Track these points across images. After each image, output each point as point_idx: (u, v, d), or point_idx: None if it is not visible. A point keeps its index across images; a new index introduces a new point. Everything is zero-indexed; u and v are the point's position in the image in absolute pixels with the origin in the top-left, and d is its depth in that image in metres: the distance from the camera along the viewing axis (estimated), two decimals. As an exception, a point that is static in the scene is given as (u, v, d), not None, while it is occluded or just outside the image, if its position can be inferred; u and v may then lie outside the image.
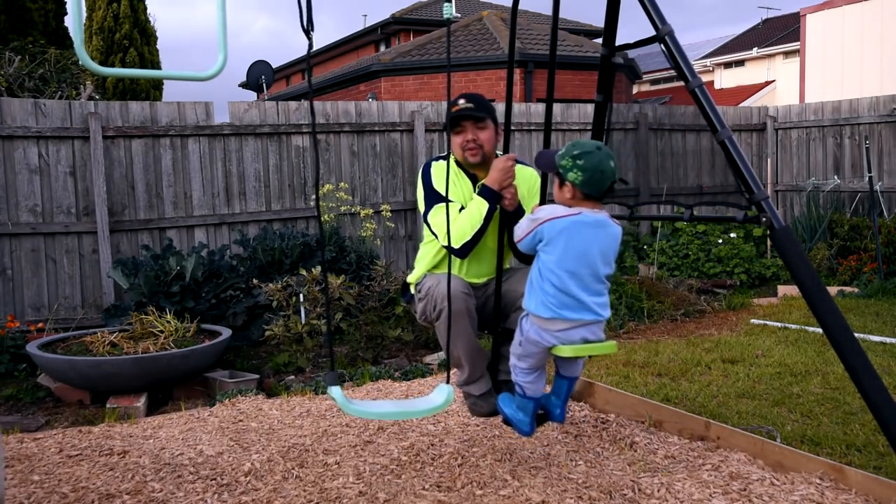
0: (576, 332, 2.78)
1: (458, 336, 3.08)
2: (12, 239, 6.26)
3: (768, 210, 2.89)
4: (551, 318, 2.76)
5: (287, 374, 5.39)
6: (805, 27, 17.62)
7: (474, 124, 3.20)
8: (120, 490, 3.19)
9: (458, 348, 3.13)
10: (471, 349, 3.17)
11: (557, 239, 2.75)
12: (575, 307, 2.75)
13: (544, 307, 2.76)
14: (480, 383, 3.27)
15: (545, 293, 2.77)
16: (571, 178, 2.75)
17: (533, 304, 2.81)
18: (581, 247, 2.75)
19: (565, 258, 2.74)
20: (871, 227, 8.39)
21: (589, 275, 2.77)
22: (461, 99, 3.21)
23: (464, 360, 3.20)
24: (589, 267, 2.76)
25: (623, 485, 3.04)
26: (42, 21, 13.62)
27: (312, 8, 2.19)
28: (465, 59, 14.43)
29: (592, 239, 2.77)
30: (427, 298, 3.17)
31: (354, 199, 7.56)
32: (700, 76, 2.99)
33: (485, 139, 3.22)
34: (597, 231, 2.78)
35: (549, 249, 2.77)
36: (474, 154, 3.22)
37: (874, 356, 5.04)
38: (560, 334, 2.78)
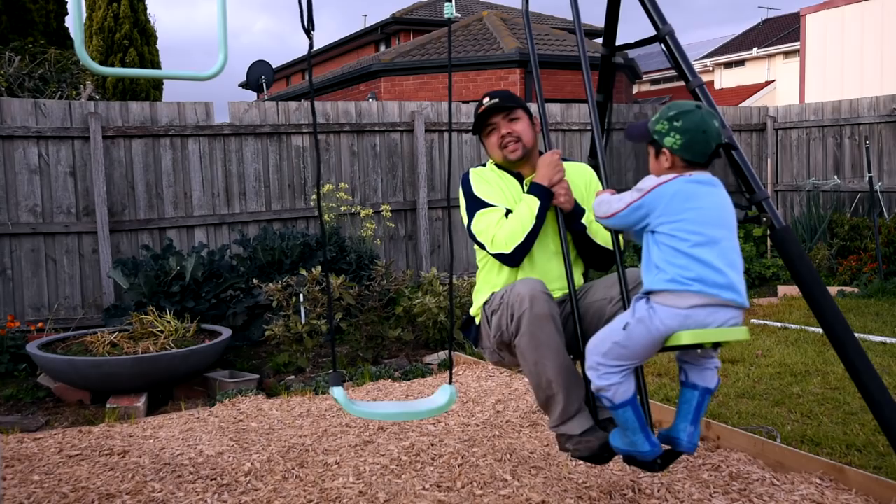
0: (712, 312, 2.23)
1: (544, 349, 2.49)
2: (12, 239, 6.26)
3: (768, 210, 2.89)
4: (685, 291, 2.22)
5: (287, 374, 5.39)
6: (805, 27, 17.63)
7: (506, 117, 2.84)
8: (120, 490, 3.19)
9: (546, 368, 2.50)
10: (563, 368, 2.52)
11: (673, 204, 2.28)
12: (717, 280, 2.22)
13: (675, 281, 2.23)
14: (581, 419, 2.56)
15: (676, 265, 2.24)
16: (669, 143, 2.32)
17: (658, 278, 2.27)
18: (708, 205, 2.29)
19: (693, 221, 2.26)
20: (871, 227, 8.39)
21: (726, 242, 2.28)
22: (486, 97, 2.88)
23: (556, 386, 2.51)
24: (721, 231, 2.28)
25: (623, 485, 3.04)
26: (42, 21, 13.62)
27: (313, 8, 2.19)
28: (465, 59, 14.43)
29: (713, 198, 2.31)
30: (501, 309, 2.61)
31: (354, 199, 7.56)
32: (700, 76, 2.99)
33: (521, 130, 2.84)
34: (714, 190, 2.32)
35: (666, 219, 2.28)
36: (514, 149, 2.83)
37: (874, 356, 5.04)
38: (693, 313, 2.22)
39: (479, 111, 2.86)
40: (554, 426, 2.60)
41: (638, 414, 2.35)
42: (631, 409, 2.33)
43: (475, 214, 2.80)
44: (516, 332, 2.53)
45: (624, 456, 2.47)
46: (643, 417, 2.37)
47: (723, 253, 2.25)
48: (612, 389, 2.31)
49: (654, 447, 2.35)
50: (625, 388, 2.31)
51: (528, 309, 2.48)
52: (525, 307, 2.48)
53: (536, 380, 2.54)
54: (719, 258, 2.23)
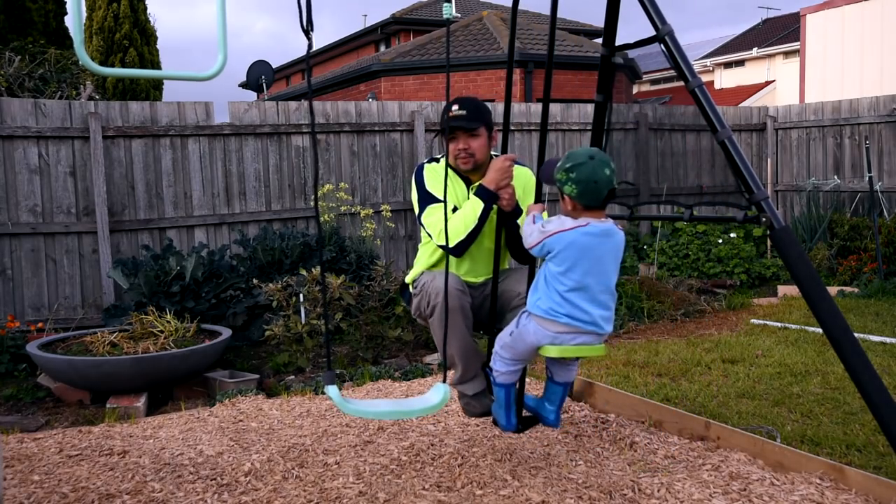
0: (573, 337, 2.79)
1: (452, 334, 3.07)
2: (12, 239, 6.26)
3: (768, 210, 2.89)
4: (553, 320, 2.77)
5: (287, 374, 5.39)
6: (805, 27, 17.62)
7: (467, 133, 3.22)
8: (120, 490, 3.19)
9: (451, 346, 3.13)
10: (465, 347, 3.16)
11: (566, 252, 2.74)
12: (579, 317, 2.75)
13: (547, 311, 2.77)
14: (474, 383, 3.27)
15: (551, 299, 2.76)
16: (567, 191, 2.75)
17: (536, 305, 2.80)
18: (590, 259, 2.74)
19: (574, 270, 2.73)
20: (871, 227, 8.39)
21: (598, 286, 2.77)
22: (455, 105, 3.22)
23: (457, 359, 3.19)
24: (598, 277, 2.76)
25: (623, 485, 3.04)
26: (42, 21, 13.62)
27: (312, 8, 2.19)
28: (465, 59, 14.43)
29: (601, 249, 2.76)
30: (422, 294, 3.20)
31: (354, 199, 7.56)
32: (700, 76, 2.99)
33: (476, 147, 3.24)
34: (604, 241, 2.77)
35: (558, 262, 2.75)
36: (466, 162, 3.25)
37: (874, 356, 5.04)
38: (559, 336, 2.78)
39: (446, 116, 3.21)
40: (453, 384, 3.25)
41: (508, 397, 3.03)
42: (504, 391, 3.01)
43: (426, 207, 3.24)
44: (430, 315, 3.17)
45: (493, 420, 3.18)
46: (510, 401, 3.04)
47: (593, 297, 2.76)
48: (497, 373, 2.99)
49: (508, 424, 3.06)
50: (505, 377, 2.98)
51: (441, 301, 3.00)
52: (440, 299, 3.04)
53: (442, 350, 3.08)
54: (589, 302, 2.75)
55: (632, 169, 9.41)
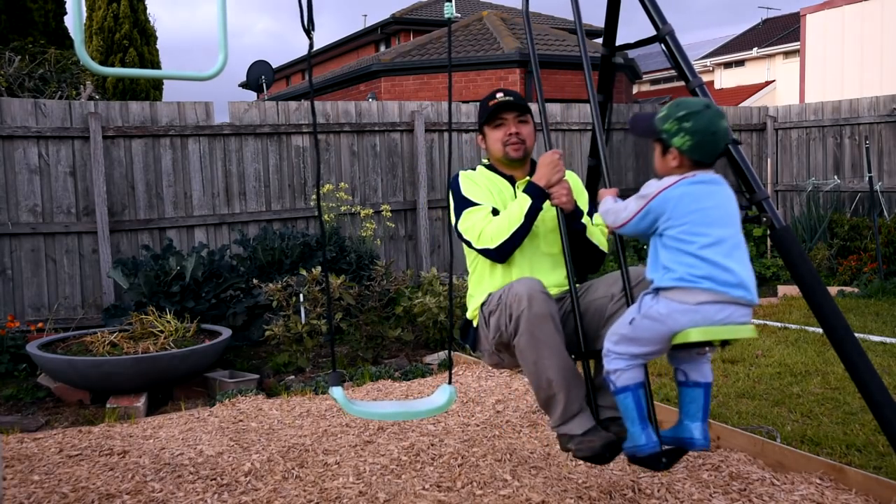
0: (723, 308, 2.24)
1: (544, 349, 2.48)
2: (12, 239, 6.26)
3: (769, 210, 2.89)
4: (694, 287, 2.24)
5: (287, 374, 5.39)
6: (805, 27, 17.63)
7: (516, 117, 2.91)
8: (120, 490, 3.19)
9: (548, 369, 2.48)
10: (563, 368, 2.50)
11: (680, 207, 2.29)
12: (726, 278, 2.24)
13: (684, 279, 2.25)
14: (582, 418, 2.54)
15: (685, 265, 2.26)
16: (678, 143, 2.33)
17: (667, 277, 2.28)
18: (714, 205, 2.31)
19: (701, 223, 2.27)
20: (871, 227, 8.39)
21: (732, 240, 2.29)
22: (499, 93, 2.94)
23: (557, 385, 2.49)
24: (727, 229, 2.30)
25: (623, 485, 3.04)
26: (42, 21, 13.62)
27: (313, 8, 2.19)
28: (465, 59, 14.42)
29: (717, 197, 2.33)
30: (500, 308, 2.60)
31: (354, 199, 7.56)
32: (700, 76, 2.99)
33: (527, 134, 2.92)
34: (718, 188, 2.35)
35: (674, 222, 2.29)
36: (517, 149, 2.90)
37: (874, 356, 5.04)
38: (702, 308, 2.24)
39: (490, 104, 2.91)
40: (555, 426, 2.58)
41: (638, 404, 2.36)
42: (631, 397, 2.35)
43: (462, 213, 2.84)
44: (515, 332, 2.52)
45: (629, 456, 2.45)
46: (643, 410, 2.37)
47: (730, 251, 2.27)
48: (617, 374, 2.35)
49: (650, 441, 2.35)
50: (628, 375, 2.35)
51: (526, 308, 2.47)
52: (524, 306, 2.47)
53: (536, 379, 2.52)
54: (728, 257, 2.25)
55: (632, 169, 9.41)
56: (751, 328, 2.30)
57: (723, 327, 2.25)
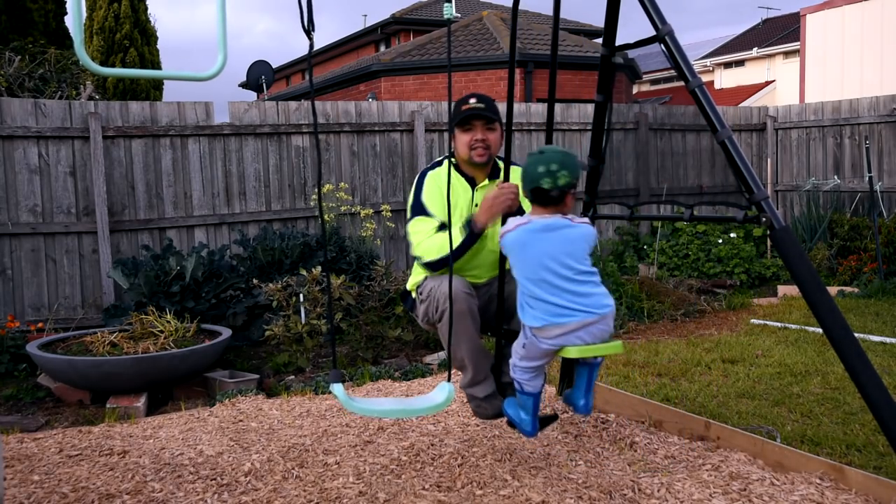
0: (577, 335, 2.69)
1: (460, 337, 3.07)
2: (12, 239, 6.26)
3: (768, 210, 2.89)
4: (543, 326, 2.70)
5: (287, 374, 5.39)
6: (805, 27, 17.62)
7: (485, 124, 3.22)
8: (120, 490, 3.19)
9: (461, 349, 3.11)
10: (474, 350, 3.15)
11: (513, 251, 2.78)
12: (561, 312, 2.67)
13: (532, 317, 2.72)
14: (484, 385, 3.22)
15: (528, 305, 2.74)
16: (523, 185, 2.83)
17: (525, 315, 2.77)
18: (532, 253, 2.71)
19: (525, 267, 2.73)
20: (871, 227, 8.39)
21: (556, 277, 2.67)
22: (472, 98, 3.22)
23: (467, 362, 3.16)
24: (550, 271, 2.68)
25: (623, 485, 3.04)
26: (42, 21, 13.62)
27: (313, 8, 2.19)
28: (465, 59, 14.42)
29: (543, 244, 2.71)
30: (429, 300, 3.18)
31: (354, 199, 7.56)
32: (700, 76, 2.99)
33: (493, 140, 3.24)
34: (547, 235, 2.72)
35: (512, 262, 2.79)
36: (482, 155, 3.23)
37: (874, 356, 5.04)
38: (561, 340, 2.70)
39: (463, 108, 3.19)
40: (463, 386, 3.26)
41: (535, 405, 2.91)
42: (533, 400, 2.90)
43: (414, 218, 3.30)
44: (439, 320, 3.15)
45: (508, 420, 3.07)
46: (538, 409, 2.93)
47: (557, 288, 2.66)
48: (523, 383, 2.88)
49: (535, 430, 2.95)
50: (533, 384, 2.88)
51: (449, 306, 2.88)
52: (447, 305, 2.92)
53: (452, 354, 3.02)
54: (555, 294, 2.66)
55: (632, 169, 9.41)
56: (617, 344, 2.75)
57: (592, 347, 2.69)
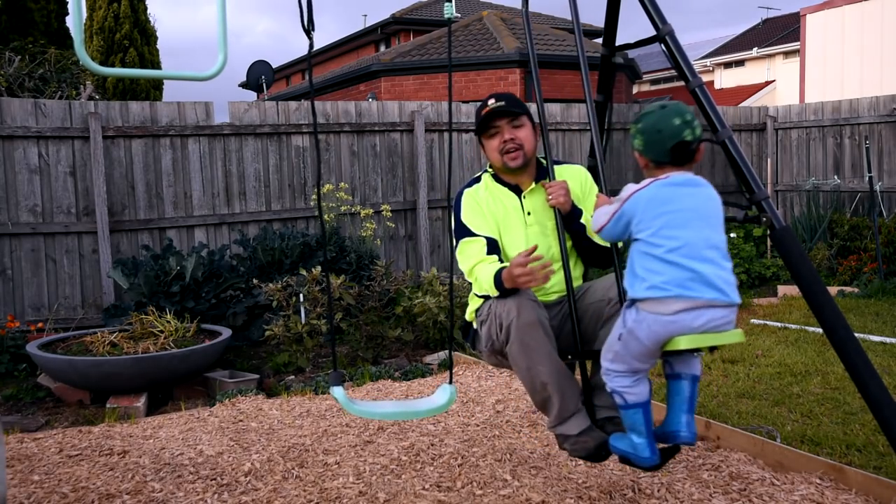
0: (700, 314, 2.23)
1: (535, 354, 2.53)
2: (12, 239, 6.26)
3: (768, 210, 2.89)
4: (666, 297, 2.23)
5: (287, 374, 5.39)
6: (805, 27, 17.63)
7: (510, 122, 2.81)
8: (120, 490, 3.19)
9: (539, 372, 2.54)
10: (557, 371, 2.56)
11: (648, 210, 2.31)
12: (695, 283, 2.22)
13: (655, 287, 2.25)
14: (578, 419, 2.60)
15: (653, 272, 2.26)
16: (636, 145, 2.41)
17: (639, 287, 2.30)
18: (684, 207, 2.30)
19: (667, 226, 2.27)
20: (871, 227, 8.39)
21: (702, 241, 2.27)
22: (490, 99, 2.85)
23: (551, 389, 2.55)
24: (698, 231, 2.28)
25: (623, 485, 3.04)
26: (43, 21, 13.62)
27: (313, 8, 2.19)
28: (465, 59, 14.42)
29: (691, 199, 2.32)
30: (490, 319, 2.67)
31: (354, 199, 7.55)
32: (700, 76, 2.99)
33: (524, 138, 2.82)
34: (691, 190, 2.34)
35: (644, 225, 2.31)
36: (515, 157, 2.81)
37: (874, 356, 5.03)
38: (679, 318, 2.23)
39: (483, 112, 2.83)
40: (552, 426, 2.65)
41: (648, 419, 2.38)
42: (642, 413, 2.37)
43: (460, 241, 2.85)
44: (506, 341, 2.59)
45: (620, 457, 2.50)
46: (651, 424, 2.39)
47: (702, 253, 2.25)
48: (624, 391, 2.36)
49: (654, 455, 2.39)
50: (637, 391, 2.37)
51: (515, 317, 2.53)
52: (513, 316, 2.53)
53: (531, 384, 2.59)
54: (697, 259, 2.24)
55: (632, 169, 9.41)
56: (738, 332, 2.31)
57: (709, 334, 2.26)
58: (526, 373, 2.56)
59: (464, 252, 2.83)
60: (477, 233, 2.81)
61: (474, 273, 2.76)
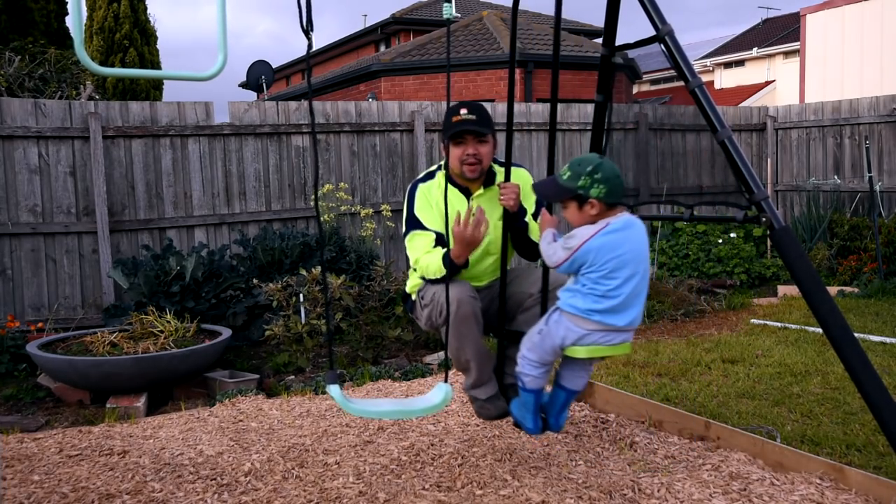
0: (607, 336, 2.72)
1: (465, 340, 3.05)
2: (12, 239, 6.26)
3: (768, 210, 2.89)
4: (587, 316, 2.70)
5: (287, 374, 5.39)
6: (805, 27, 17.63)
7: (476, 139, 3.13)
8: (120, 490, 3.19)
9: (465, 352, 3.09)
10: (479, 352, 3.12)
11: (599, 256, 2.67)
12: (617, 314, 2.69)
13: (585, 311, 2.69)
14: (488, 387, 3.21)
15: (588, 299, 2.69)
16: (595, 193, 2.68)
17: (571, 303, 2.73)
18: (626, 250, 2.68)
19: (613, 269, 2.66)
20: (871, 227, 8.39)
21: (638, 277, 2.71)
22: (463, 108, 3.12)
23: (472, 364, 3.14)
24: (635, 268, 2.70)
25: (623, 485, 3.04)
26: (43, 21, 13.62)
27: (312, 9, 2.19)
28: (465, 59, 14.42)
29: (631, 242, 2.71)
30: (432, 304, 3.14)
31: (354, 199, 7.55)
32: (700, 76, 2.99)
33: (485, 154, 3.16)
34: (631, 232, 2.73)
35: (595, 269, 2.68)
36: (473, 169, 3.15)
37: (874, 356, 5.04)
38: (590, 335, 2.72)
39: (454, 120, 3.10)
40: (466, 389, 3.26)
41: (536, 403, 2.93)
42: (533, 397, 2.92)
43: (410, 232, 3.25)
44: (443, 324, 3.10)
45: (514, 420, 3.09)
46: (538, 406, 2.95)
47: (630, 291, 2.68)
48: (528, 378, 2.88)
49: (536, 428, 2.98)
50: (536, 381, 2.88)
51: (455, 310, 2.97)
52: (453, 309, 2.98)
53: (456, 358, 3.12)
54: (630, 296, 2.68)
55: (632, 169, 9.41)
56: (627, 346, 2.79)
57: (603, 347, 2.74)
58: (455, 351, 3.09)
59: (413, 242, 3.23)
60: (428, 227, 3.19)
61: (421, 262, 3.15)
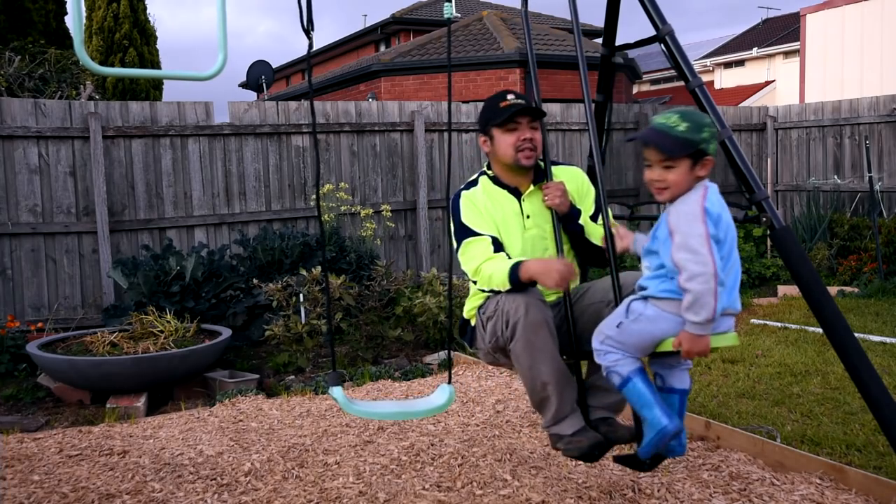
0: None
1: (539, 354, 2.53)
2: (12, 239, 6.26)
3: (768, 210, 2.89)
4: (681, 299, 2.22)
5: (287, 374, 5.39)
6: (805, 27, 17.63)
7: (530, 122, 2.77)
8: (120, 490, 3.19)
9: (541, 372, 2.55)
10: (557, 372, 2.57)
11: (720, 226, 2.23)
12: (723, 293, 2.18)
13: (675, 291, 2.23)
14: (573, 419, 2.62)
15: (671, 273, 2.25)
16: (712, 149, 2.24)
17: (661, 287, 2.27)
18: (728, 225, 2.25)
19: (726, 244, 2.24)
20: (871, 227, 8.39)
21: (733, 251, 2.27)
22: (510, 94, 2.79)
23: (550, 389, 2.56)
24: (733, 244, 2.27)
25: (623, 485, 3.04)
26: (42, 21, 13.62)
27: (312, 8, 2.19)
28: (465, 59, 14.42)
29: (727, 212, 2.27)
30: (497, 314, 2.64)
31: (354, 199, 7.55)
32: (700, 76, 2.99)
33: (538, 140, 2.79)
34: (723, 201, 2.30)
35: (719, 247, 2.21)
36: (529, 157, 2.77)
37: (874, 356, 5.03)
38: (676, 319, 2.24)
39: (502, 105, 2.76)
40: (547, 426, 2.66)
41: (649, 386, 2.32)
42: (640, 380, 2.30)
43: (462, 242, 2.79)
44: (511, 338, 2.58)
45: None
46: (654, 389, 2.34)
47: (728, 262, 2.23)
48: (616, 365, 2.32)
49: (672, 420, 2.30)
50: (629, 362, 2.32)
51: (523, 316, 2.52)
52: (520, 314, 2.53)
53: (531, 383, 2.59)
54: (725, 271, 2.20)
55: (632, 169, 9.41)
56: (733, 336, 2.30)
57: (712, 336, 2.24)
58: (528, 371, 2.56)
59: (468, 251, 2.77)
60: (481, 232, 2.76)
61: (482, 270, 2.70)
